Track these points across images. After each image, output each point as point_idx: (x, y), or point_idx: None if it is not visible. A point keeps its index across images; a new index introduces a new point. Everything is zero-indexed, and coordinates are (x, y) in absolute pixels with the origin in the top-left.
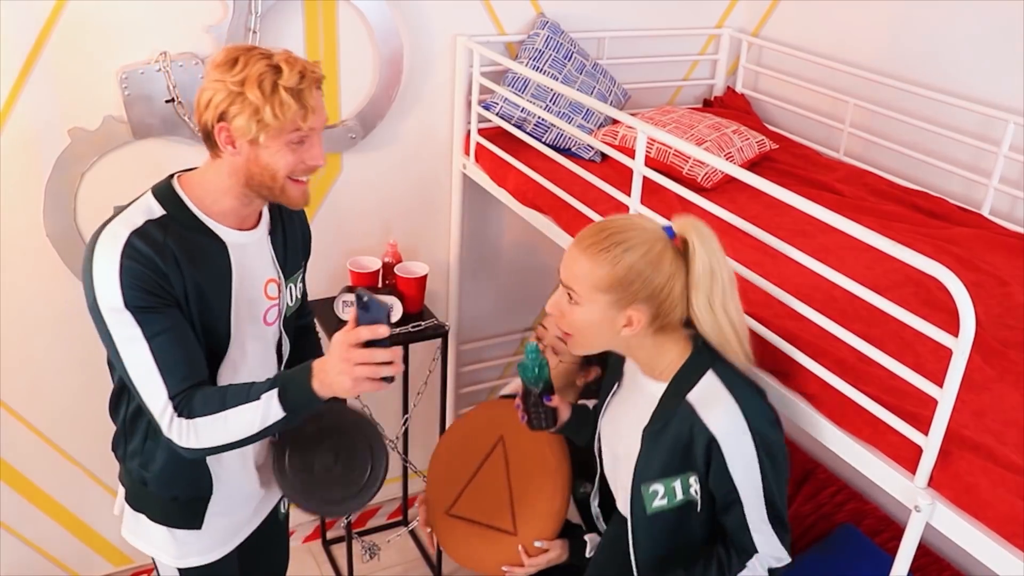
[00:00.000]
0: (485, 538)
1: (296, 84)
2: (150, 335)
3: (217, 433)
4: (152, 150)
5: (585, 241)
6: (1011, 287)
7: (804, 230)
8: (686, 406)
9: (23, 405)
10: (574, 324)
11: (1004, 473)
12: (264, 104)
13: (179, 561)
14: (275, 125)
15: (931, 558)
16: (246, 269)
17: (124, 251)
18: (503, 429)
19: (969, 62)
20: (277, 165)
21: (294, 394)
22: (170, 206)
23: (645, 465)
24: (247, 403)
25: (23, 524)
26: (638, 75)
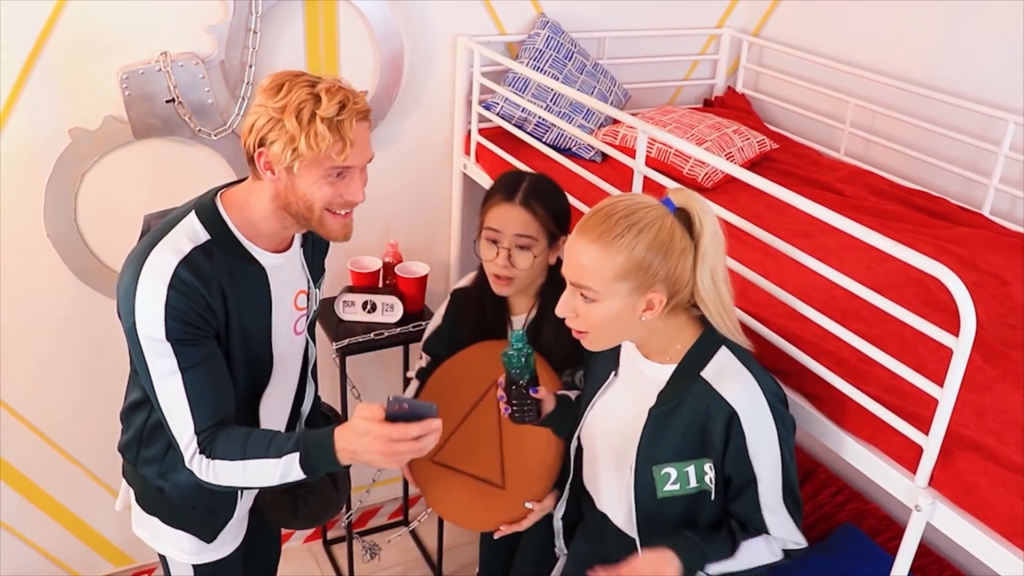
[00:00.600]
0: (470, 489)
1: (334, 115)
2: (185, 367)
3: (235, 478)
4: (153, 150)
5: (593, 231)
6: (1012, 287)
7: (805, 230)
8: (701, 383)
9: (23, 405)
10: (592, 321)
11: (1005, 473)
12: (300, 133)
13: (194, 558)
14: (309, 156)
15: (932, 558)
16: (282, 288)
17: (171, 283)
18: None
19: (969, 62)
20: (313, 196)
21: (316, 462)
22: (215, 230)
23: (654, 446)
24: (267, 458)
25: (23, 524)
26: (638, 75)
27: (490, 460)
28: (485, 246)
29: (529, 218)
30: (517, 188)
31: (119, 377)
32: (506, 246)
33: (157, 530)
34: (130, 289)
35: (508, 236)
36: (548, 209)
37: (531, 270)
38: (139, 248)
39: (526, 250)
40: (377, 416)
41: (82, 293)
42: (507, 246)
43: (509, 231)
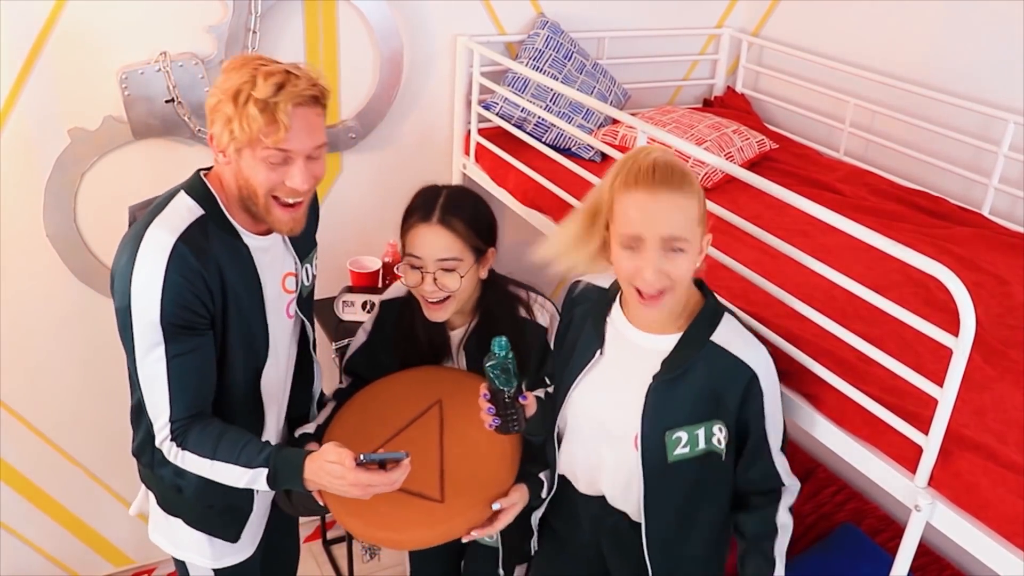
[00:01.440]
0: (398, 504)
1: (267, 97)
2: (172, 355)
3: (202, 471)
4: (152, 150)
5: (668, 181)
6: (1011, 287)
7: (804, 230)
8: (712, 348)
9: (23, 405)
10: (681, 276)
11: (1004, 473)
12: (235, 115)
13: (215, 562)
14: (242, 138)
15: (931, 557)
16: (268, 270)
17: (171, 261)
18: (443, 393)
19: (969, 62)
20: (255, 181)
21: (283, 482)
22: (207, 205)
23: (662, 413)
24: (235, 464)
25: (24, 524)
26: (638, 75)
27: (428, 475)
28: (408, 272)
29: (450, 238)
30: (434, 206)
31: (119, 377)
32: (430, 271)
33: (177, 535)
34: (127, 268)
35: (431, 261)
36: (469, 223)
37: (462, 289)
38: (134, 229)
39: (451, 272)
40: (349, 464)
41: (82, 293)
42: (431, 271)
43: (431, 256)
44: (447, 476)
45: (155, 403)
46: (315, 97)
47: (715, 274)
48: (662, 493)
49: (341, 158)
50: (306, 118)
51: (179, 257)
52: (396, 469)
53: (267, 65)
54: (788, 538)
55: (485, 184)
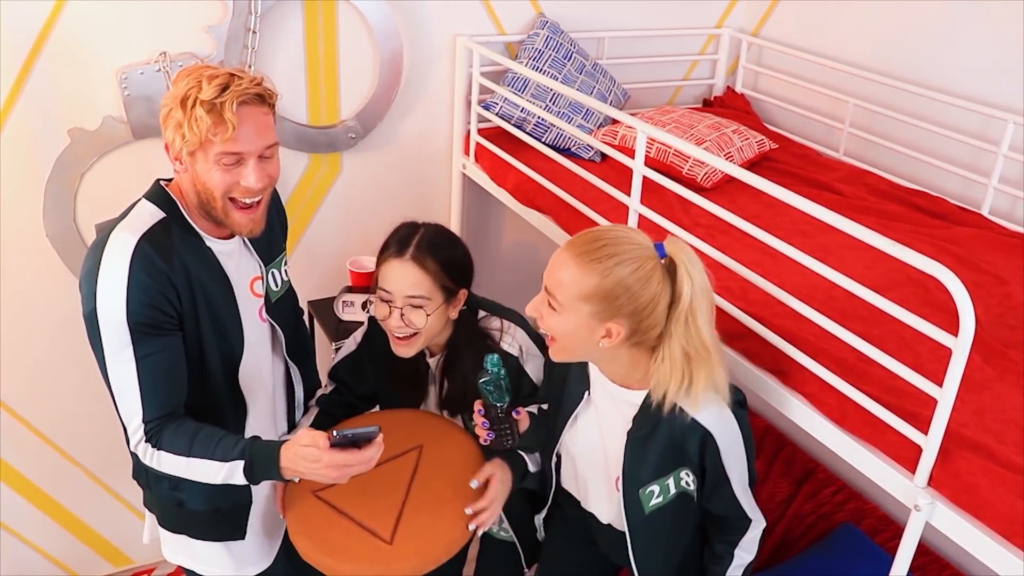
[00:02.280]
0: (349, 534)
1: (212, 97)
2: (141, 355)
3: (178, 470)
4: (152, 150)
5: (577, 248)
6: (1011, 287)
7: (804, 230)
8: (676, 409)
9: (23, 406)
10: (550, 329)
11: (1004, 473)
12: (183, 120)
13: (238, 572)
14: (193, 141)
15: (931, 557)
16: (235, 274)
17: (134, 260)
18: (426, 440)
19: (969, 62)
20: (210, 183)
21: (260, 473)
22: (167, 208)
23: (637, 469)
24: (211, 459)
25: (23, 525)
26: (638, 75)
27: (385, 514)
28: (378, 305)
29: (420, 275)
30: (409, 242)
31: None
32: (399, 306)
33: (193, 551)
34: (92, 272)
35: (399, 297)
36: (441, 262)
37: (429, 327)
38: (98, 237)
39: (419, 309)
40: (323, 445)
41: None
42: (399, 306)
43: (400, 292)
44: (403, 521)
45: (127, 405)
46: (259, 96)
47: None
48: (646, 537)
49: (341, 158)
50: (253, 117)
51: (142, 256)
52: (370, 447)
53: (211, 70)
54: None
55: (485, 184)
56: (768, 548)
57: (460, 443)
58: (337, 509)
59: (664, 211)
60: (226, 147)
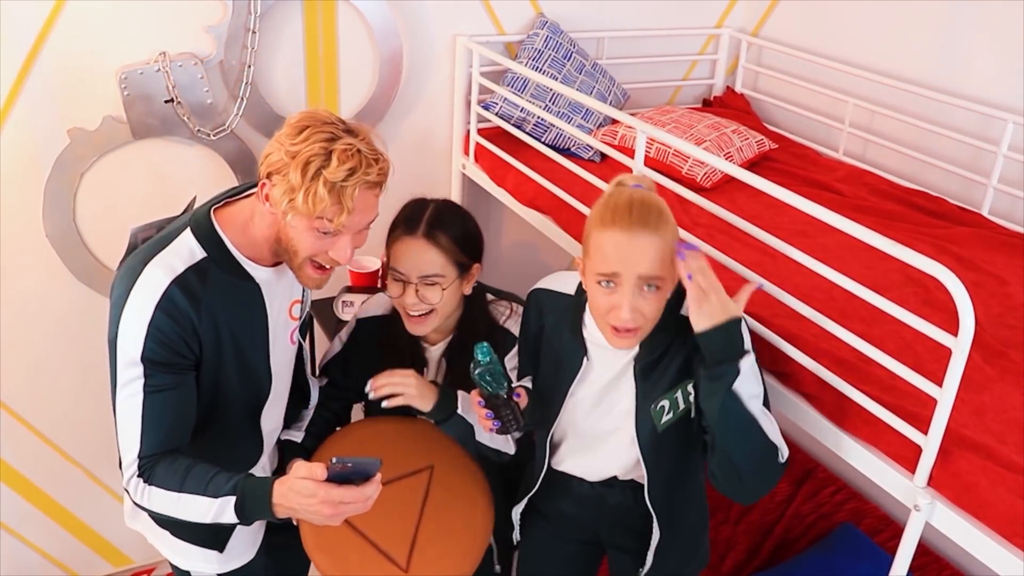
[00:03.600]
0: (367, 558)
1: (340, 180)
2: (149, 390)
3: (169, 507)
4: (151, 150)
5: (645, 221)
6: (1011, 287)
7: (804, 230)
8: (683, 320)
9: (23, 406)
10: (656, 311)
11: (1004, 473)
12: (300, 188)
13: (221, 567)
14: (303, 211)
15: (931, 557)
16: (275, 300)
17: (161, 303)
18: (437, 459)
19: (969, 62)
20: (299, 245)
21: (251, 511)
22: (211, 247)
23: (648, 391)
24: (203, 496)
25: (23, 525)
26: (637, 75)
27: (400, 538)
28: (392, 284)
29: (433, 253)
30: (419, 219)
31: None
32: (413, 282)
33: (174, 546)
34: (119, 302)
35: (413, 275)
36: (453, 238)
37: (444, 303)
38: (133, 262)
39: (434, 286)
40: (319, 476)
41: (81, 293)
42: (414, 282)
43: (414, 271)
44: (417, 548)
45: (127, 438)
46: (380, 181)
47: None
48: (658, 458)
49: None
50: (366, 200)
51: (169, 300)
52: (368, 485)
53: (341, 139)
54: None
55: (484, 184)
56: (768, 548)
57: (466, 467)
58: (353, 527)
59: None
60: (330, 227)
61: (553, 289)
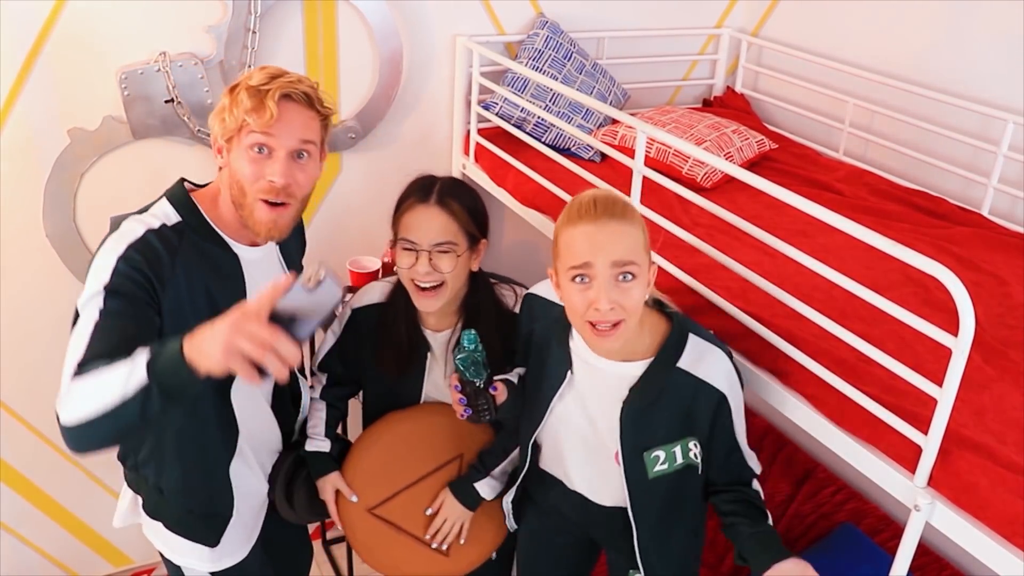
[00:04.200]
0: (411, 550)
1: (259, 84)
2: (104, 313)
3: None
4: (151, 150)
5: (612, 210)
6: (1011, 287)
7: (804, 230)
8: (680, 374)
9: (23, 406)
10: (633, 305)
11: (1004, 472)
12: (227, 105)
13: (213, 565)
14: (231, 125)
15: (931, 557)
16: (259, 284)
17: (134, 243)
18: (465, 448)
19: (969, 62)
20: (241, 174)
21: (163, 359)
22: (186, 213)
23: (639, 436)
24: (117, 366)
25: (23, 525)
26: (638, 75)
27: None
28: (402, 255)
29: (446, 219)
30: (431, 189)
31: None
32: (426, 250)
33: (167, 539)
34: (97, 249)
35: (426, 243)
36: (466, 207)
37: (455, 276)
38: (111, 228)
39: (447, 254)
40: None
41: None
42: (427, 250)
43: (426, 238)
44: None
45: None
46: (307, 95)
47: (714, 274)
48: (647, 503)
49: (341, 158)
50: (295, 112)
51: (144, 242)
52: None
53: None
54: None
55: (484, 184)
56: None
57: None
58: (395, 526)
59: (664, 211)
60: (258, 136)
61: (546, 297)
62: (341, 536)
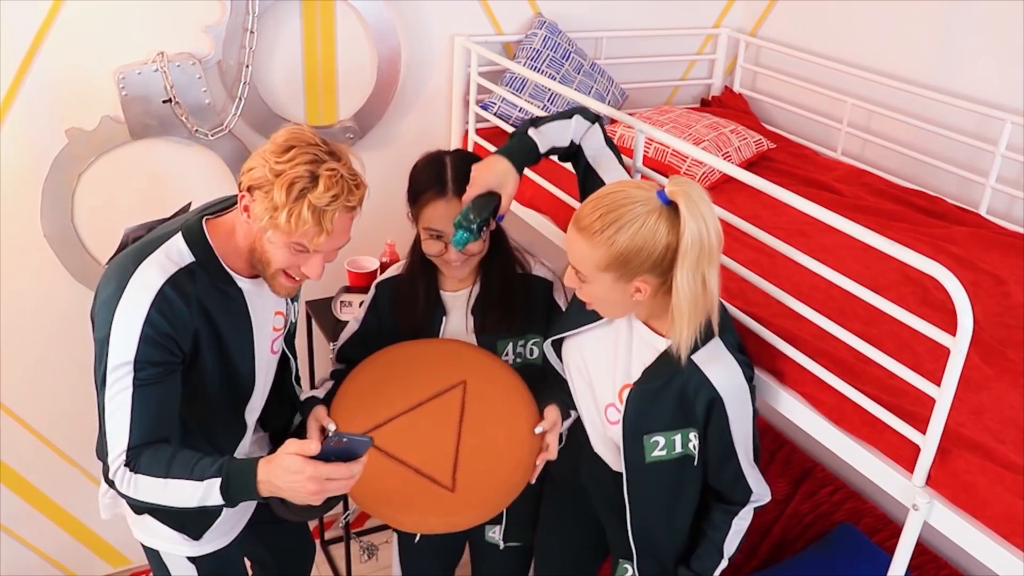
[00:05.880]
0: (408, 483)
1: (324, 204)
2: (139, 384)
3: (155, 494)
4: (149, 150)
5: (581, 223)
6: (1009, 286)
7: (802, 229)
8: (691, 365)
9: (21, 406)
10: (590, 297)
11: (1002, 472)
12: (283, 207)
13: (193, 551)
14: (284, 229)
15: (929, 557)
16: (258, 310)
17: (155, 302)
18: (469, 374)
19: (967, 62)
20: (273, 258)
21: (236, 491)
22: (199, 253)
23: (642, 419)
24: (189, 479)
25: (22, 525)
26: (636, 75)
27: (441, 460)
28: (430, 244)
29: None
30: (443, 178)
31: None
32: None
33: (147, 526)
34: (111, 301)
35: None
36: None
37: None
38: (124, 260)
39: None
40: (310, 452)
41: (79, 293)
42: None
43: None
44: (460, 466)
45: (115, 430)
46: (357, 206)
47: None
48: (643, 489)
49: None
50: (343, 223)
51: (164, 299)
52: (356, 463)
53: (325, 162)
54: (742, 537)
55: None
56: (766, 548)
57: (502, 377)
58: (390, 455)
59: None
60: (308, 246)
61: None
62: (339, 536)
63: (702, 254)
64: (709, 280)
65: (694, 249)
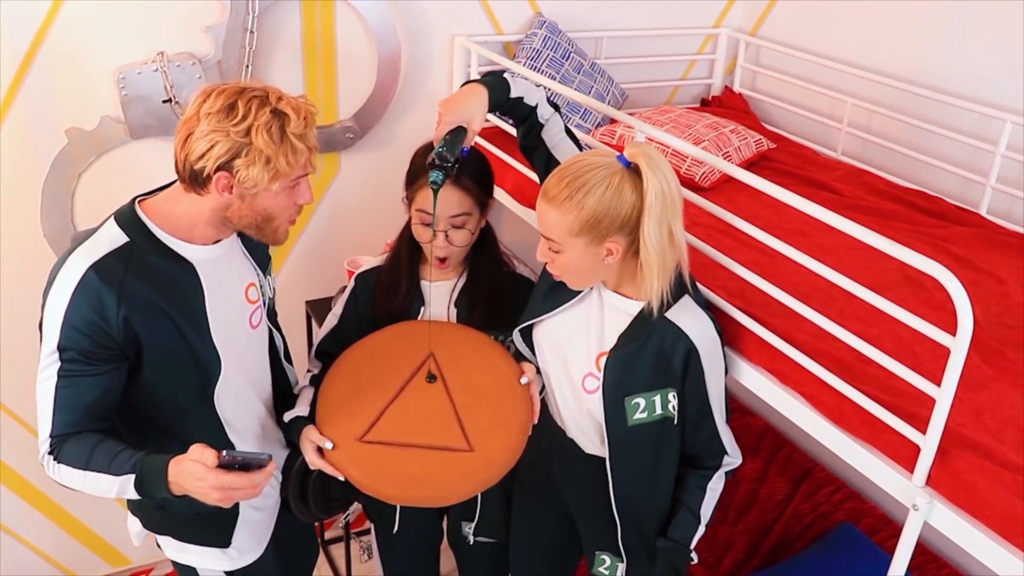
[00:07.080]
0: (429, 460)
1: (303, 129)
2: (63, 374)
3: (76, 483)
4: (149, 150)
5: (549, 193)
6: (1008, 286)
7: (802, 229)
8: (664, 321)
9: (21, 406)
10: (563, 267)
11: (1002, 472)
12: (277, 154)
13: (229, 564)
14: (285, 172)
15: (929, 557)
16: (221, 283)
17: (77, 291)
18: (433, 345)
19: (967, 62)
20: (275, 209)
21: (150, 487)
22: (133, 232)
23: (622, 381)
24: (106, 473)
25: (22, 525)
26: (636, 75)
27: (448, 429)
28: (420, 230)
29: (460, 196)
30: None
31: None
32: (443, 228)
33: (179, 546)
34: (46, 291)
35: (444, 219)
36: (476, 180)
37: (469, 240)
38: (61, 256)
39: (462, 228)
40: (210, 463)
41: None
42: (443, 228)
43: (445, 214)
44: (467, 426)
45: (41, 417)
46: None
47: (713, 273)
48: (625, 453)
49: (339, 158)
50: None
51: (87, 287)
52: (258, 472)
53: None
54: (716, 500)
55: None
56: (766, 548)
57: (464, 336)
58: (400, 444)
59: None
60: (304, 172)
61: None
62: (339, 536)
63: (666, 206)
64: (675, 231)
65: (658, 202)
